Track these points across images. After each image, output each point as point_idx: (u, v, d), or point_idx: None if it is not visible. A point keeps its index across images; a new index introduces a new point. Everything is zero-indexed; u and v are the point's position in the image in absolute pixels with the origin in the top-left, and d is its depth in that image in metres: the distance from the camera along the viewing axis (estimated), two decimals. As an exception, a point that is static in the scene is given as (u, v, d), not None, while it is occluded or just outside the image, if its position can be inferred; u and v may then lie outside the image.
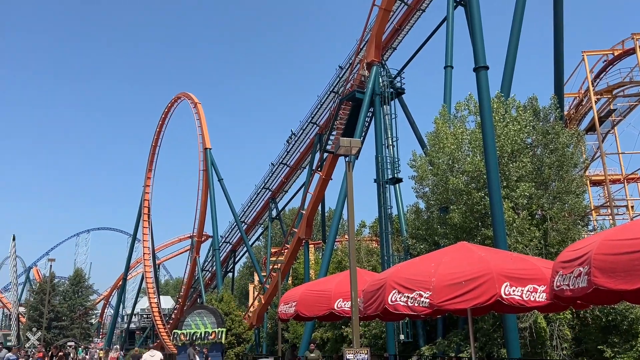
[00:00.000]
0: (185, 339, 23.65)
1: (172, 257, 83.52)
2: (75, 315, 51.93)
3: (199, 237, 46.35)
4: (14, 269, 34.30)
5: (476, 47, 16.59)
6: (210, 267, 51.29)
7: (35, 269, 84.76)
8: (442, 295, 7.43)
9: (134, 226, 54.66)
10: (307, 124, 39.95)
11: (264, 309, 34.58)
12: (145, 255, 53.16)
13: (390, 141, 24.20)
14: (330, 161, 27.21)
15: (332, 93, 36.57)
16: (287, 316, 13.25)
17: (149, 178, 53.86)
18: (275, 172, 44.16)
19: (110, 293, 78.80)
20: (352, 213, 9.45)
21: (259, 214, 47.60)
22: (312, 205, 28.48)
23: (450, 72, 23.99)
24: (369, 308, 8.86)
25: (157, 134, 53.67)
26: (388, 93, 24.78)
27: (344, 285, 11.70)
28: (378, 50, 25.02)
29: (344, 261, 29.31)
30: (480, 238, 17.09)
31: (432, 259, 8.69)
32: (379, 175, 23.25)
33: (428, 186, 20.49)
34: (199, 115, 46.91)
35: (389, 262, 21.65)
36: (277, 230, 59.81)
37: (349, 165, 9.25)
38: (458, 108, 20.34)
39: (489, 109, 16.01)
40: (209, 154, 44.41)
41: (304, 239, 29.34)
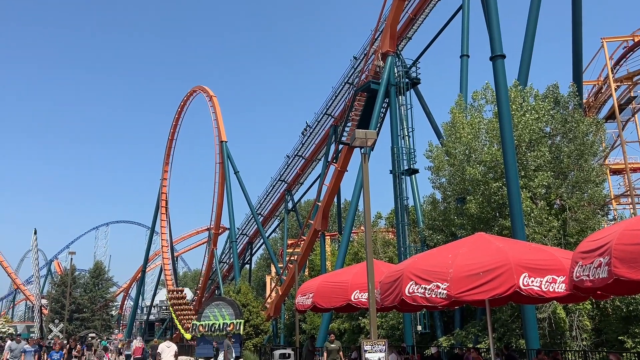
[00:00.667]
0: (204, 330, 23.92)
1: (190, 249, 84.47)
2: (95, 307, 52.78)
3: (216, 229, 46.72)
4: (35, 262, 34.94)
5: (492, 35, 16.37)
6: (227, 259, 51.71)
7: (57, 262, 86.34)
8: (459, 286, 7.41)
9: (152, 219, 55.32)
10: (322, 116, 39.88)
11: (281, 300, 34.80)
12: (163, 248, 53.78)
13: (406, 132, 24.05)
14: (346, 153, 27.14)
15: (347, 84, 36.42)
16: (304, 307, 13.33)
17: (166, 171, 54.36)
18: (291, 164, 44.22)
19: (130, 285, 80.00)
20: (368, 204, 9.44)
21: (275, 206, 47.77)
22: (327, 197, 28.48)
23: (467, 61, 23.72)
24: (386, 299, 8.87)
25: (174, 127, 54.09)
26: (403, 83, 24.59)
27: (360, 277, 11.72)
28: (393, 41, 24.81)
29: (360, 252, 29.33)
30: (498, 228, 16.95)
31: (449, 250, 8.66)
32: (394, 166, 23.15)
33: (445, 177, 20.35)
34: (215, 109, 47.11)
35: (406, 254, 21.61)
36: (293, 222, 60.00)
37: (365, 156, 9.22)
38: (475, 97, 20.12)
39: (506, 98, 15.81)
40: (225, 147, 44.63)
41: (320, 230, 29.38)
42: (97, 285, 54.67)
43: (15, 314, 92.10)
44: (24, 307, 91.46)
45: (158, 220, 54.00)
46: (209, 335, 23.93)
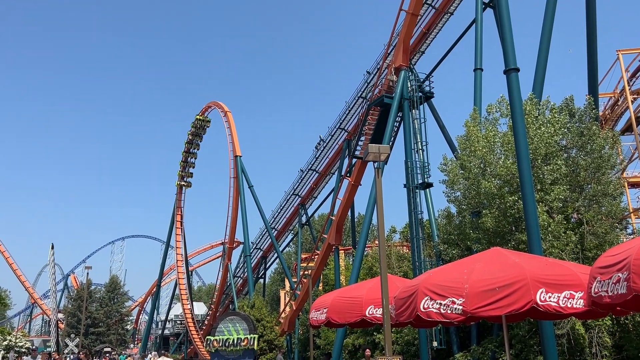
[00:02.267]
0: (218, 345, 23.87)
1: (205, 263, 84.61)
2: (111, 321, 53.06)
3: (231, 243, 46.83)
4: (53, 276, 35.24)
5: (506, 49, 16.35)
6: (241, 273, 51.74)
7: (73, 276, 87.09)
8: (475, 302, 7.32)
9: (167, 233, 55.66)
10: (335, 130, 40.00)
11: (296, 315, 34.63)
12: (178, 262, 54.01)
13: (420, 145, 23.97)
14: (359, 167, 27.13)
15: (360, 98, 36.55)
16: (318, 322, 13.24)
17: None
18: (305, 178, 44.31)
19: (145, 299, 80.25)
20: (382, 219, 9.40)
21: (288, 220, 47.79)
22: (341, 211, 28.42)
23: (480, 74, 23.67)
24: (401, 315, 8.78)
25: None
26: (417, 97, 24.58)
27: (375, 292, 11.63)
28: (406, 55, 24.88)
29: (374, 267, 29.13)
30: (514, 243, 16.75)
31: (464, 264, 8.57)
32: (408, 180, 23.06)
33: (459, 190, 20.20)
34: (229, 124, 47.51)
35: (421, 268, 21.41)
36: (307, 236, 59.91)
37: (378, 171, 9.21)
38: (489, 110, 20.04)
39: (520, 111, 15.73)
40: (239, 162, 44.91)
41: (334, 244, 29.28)
42: (113, 299, 55.00)
43: (32, 328, 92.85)
44: (41, 321, 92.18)
45: (173, 235, 54.31)
46: (223, 350, 23.87)
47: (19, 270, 73.03)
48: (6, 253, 70.41)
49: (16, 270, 72.39)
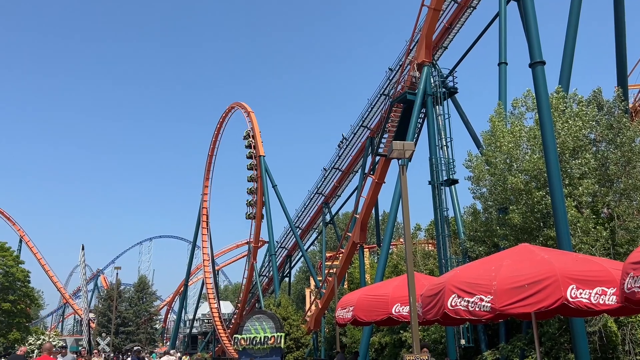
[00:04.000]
0: (246, 344, 24.09)
1: (231, 262, 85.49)
2: (140, 320, 53.94)
3: (256, 242, 47.15)
4: (83, 277, 36.07)
5: (531, 42, 16.06)
6: (267, 272, 52.05)
7: (103, 276, 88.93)
8: (504, 299, 7.24)
9: (194, 233, 56.31)
10: (358, 128, 39.90)
11: (321, 314, 34.69)
12: (205, 262, 54.64)
13: (444, 142, 23.75)
14: (383, 164, 27.01)
15: (382, 96, 36.37)
16: (344, 321, 13.26)
17: (207, 186, 55.36)
18: (328, 177, 44.32)
19: (173, 299, 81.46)
20: (407, 217, 9.36)
21: (312, 218, 47.89)
22: (365, 209, 28.35)
23: (505, 68, 23.33)
24: (428, 313, 8.74)
25: (213, 143, 55.17)
26: (440, 93, 24.36)
27: (401, 290, 11.59)
28: (429, 51, 24.66)
29: (399, 265, 29.00)
30: (543, 239, 16.47)
31: (492, 261, 8.48)
32: (433, 177, 22.87)
33: (485, 186, 19.96)
34: (252, 124, 47.83)
35: (447, 266, 21.24)
36: (331, 235, 59.93)
37: (403, 168, 9.15)
38: (515, 105, 19.74)
39: (547, 104, 15.46)
40: (262, 161, 45.17)
41: (359, 243, 29.23)
42: (142, 299, 55.91)
43: (65, 328, 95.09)
44: (73, 321, 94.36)
45: (199, 235, 54.94)
46: (251, 348, 24.08)
47: (51, 271, 74.97)
48: (39, 255, 72.31)
49: (48, 271, 74.34)
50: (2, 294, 41.40)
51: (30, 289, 46.39)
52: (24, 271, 45.16)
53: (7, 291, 42.44)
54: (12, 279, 43.36)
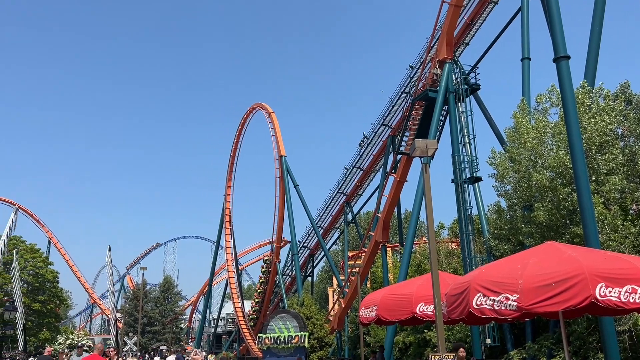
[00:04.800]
0: (270, 343, 24.23)
1: (254, 262, 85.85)
2: (166, 320, 54.67)
3: (278, 242, 47.35)
4: (110, 277, 36.67)
5: (555, 36, 15.79)
6: (289, 271, 52.24)
7: (129, 277, 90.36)
8: (530, 297, 7.14)
9: (217, 233, 56.81)
10: (379, 127, 39.76)
11: (345, 313, 34.68)
12: (228, 262, 55.07)
13: (467, 139, 23.53)
14: (405, 163, 26.87)
15: (403, 93, 36.17)
16: (368, 320, 13.23)
17: (229, 187, 55.77)
18: (349, 176, 44.26)
19: (198, 298, 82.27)
20: (431, 215, 9.30)
21: (334, 218, 47.88)
22: (387, 208, 28.23)
23: (528, 64, 23.01)
24: (453, 312, 8.67)
25: (235, 144, 55.52)
26: (462, 90, 24.13)
27: (425, 289, 11.52)
28: (450, 47, 24.45)
29: (423, 264, 28.81)
30: (569, 236, 16.19)
31: (517, 260, 8.36)
32: (456, 174, 22.67)
33: (509, 184, 19.71)
34: (274, 124, 48.02)
35: (471, 265, 21.03)
36: (353, 234, 59.80)
37: (426, 166, 9.09)
38: (539, 100, 19.45)
39: (572, 100, 15.17)
40: (284, 162, 45.32)
41: (381, 242, 29.13)
42: (167, 299, 56.66)
43: (93, 327, 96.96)
44: (100, 321, 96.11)
45: (223, 235, 55.39)
46: (275, 347, 24.21)
47: (78, 272, 76.45)
48: (67, 256, 73.79)
49: (76, 272, 75.82)
50: (32, 295, 42.40)
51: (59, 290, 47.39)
52: (53, 272, 46.17)
53: (37, 292, 43.45)
54: (42, 280, 44.37)
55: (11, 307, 27.92)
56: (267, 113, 50.00)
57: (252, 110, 53.32)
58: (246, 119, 54.33)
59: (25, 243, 46.27)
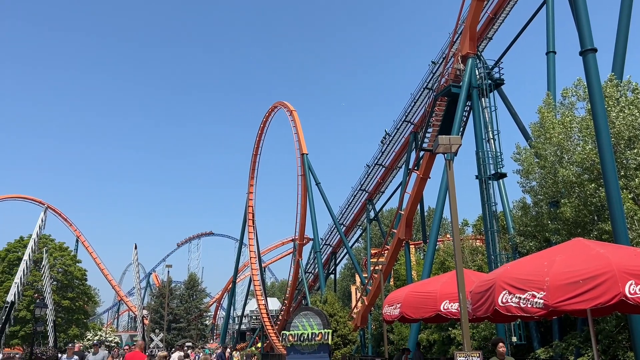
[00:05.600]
0: (293, 340, 24.31)
1: (276, 260, 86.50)
2: (191, 317, 55.33)
3: (301, 240, 47.49)
4: (137, 275, 37.29)
5: (581, 28, 15.48)
6: (312, 269, 52.37)
7: (154, 274, 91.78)
8: (557, 295, 7.05)
9: (240, 231, 57.30)
10: (401, 123, 39.54)
11: (368, 311, 34.62)
12: (251, 259, 55.48)
13: (491, 135, 23.25)
14: (428, 159, 26.65)
15: (425, 89, 35.90)
16: (391, 318, 13.22)
17: (252, 185, 56.14)
18: (371, 174, 44.14)
19: (222, 296, 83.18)
20: (455, 212, 9.23)
21: (356, 215, 47.82)
22: (410, 205, 28.05)
23: (553, 57, 22.62)
24: (478, 310, 8.61)
25: (257, 142, 55.85)
26: (486, 85, 23.83)
27: (449, 286, 11.46)
28: (473, 42, 24.16)
29: (446, 261, 28.57)
30: (597, 233, 15.88)
31: (544, 257, 8.26)
32: (480, 171, 22.42)
33: (535, 180, 19.43)
34: (295, 123, 48.15)
35: (496, 262, 20.79)
36: (376, 232, 59.66)
37: (449, 163, 9.01)
38: (565, 95, 19.10)
39: (599, 93, 14.86)
40: (306, 159, 45.42)
41: (404, 239, 28.96)
42: (192, 296, 57.31)
43: (120, 324, 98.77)
44: (127, 318, 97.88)
45: (246, 233, 55.84)
46: (298, 344, 24.29)
47: (105, 270, 77.90)
48: (94, 254, 75.27)
49: (103, 270, 77.29)
50: (61, 292, 43.42)
51: (87, 287, 48.43)
52: (81, 270, 47.20)
53: (66, 289, 44.51)
54: (71, 277, 45.41)
55: (42, 304, 28.66)
56: (288, 111, 50.15)
57: (274, 109, 53.54)
58: (268, 117, 54.58)
59: (54, 241, 47.40)
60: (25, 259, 27.03)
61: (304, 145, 46.46)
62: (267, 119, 54.66)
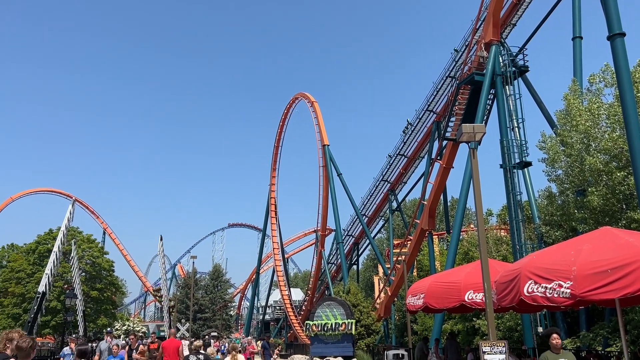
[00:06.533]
0: (317, 330, 24.48)
1: (299, 251, 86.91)
2: (216, 307, 56.08)
3: (323, 231, 47.64)
4: (163, 266, 37.94)
5: (609, 12, 15.10)
6: (335, 259, 52.52)
7: (179, 265, 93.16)
8: (585, 284, 6.94)
9: (263, 222, 57.77)
10: (423, 112, 39.20)
11: (391, 301, 34.62)
12: (274, 250, 55.93)
13: (516, 123, 22.90)
14: (451, 149, 26.41)
15: (448, 78, 35.49)
16: (415, 308, 13.20)
17: (274, 177, 56.45)
18: (393, 164, 43.94)
19: (246, 286, 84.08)
20: (479, 201, 9.13)
21: (379, 206, 47.71)
22: (433, 195, 27.87)
23: (580, 43, 22.11)
24: (503, 300, 8.54)
25: (279, 134, 56.06)
26: (510, 72, 23.44)
27: (474, 276, 11.37)
28: (496, 29, 23.76)
29: (470, 252, 28.34)
30: (626, 222, 15.56)
31: (571, 246, 8.13)
32: (505, 160, 22.12)
33: (561, 168, 19.10)
34: (316, 114, 48.14)
35: (522, 252, 20.55)
36: (398, 222, 59.44)
37: (473, 152, 8.90)
38: (592, 81, 18.66)
39: (628, 78, 14.50)
40: (327, 150, 45.42)
41: (427, 230, 28.81)
42: (217, 286, 58.05)
43: (147, 314, 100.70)
44: (154, 308, 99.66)
45: (269, 224, 56.26)
46: (322, 334, 24.44)
47: (132, 261, 79.48)
48: (121, 246, 76.78)
49: (130, 261, 78.87)
50: (90, 283, 44.43)
51: (114, 278, 49.46)
52: (108, 261, 48.19)
53: (95, 280, 45.52)
54: (99, 269, 46.41)
55: (71, 294, 29.36)
56: (309, 102, 50.16)
57: (295, 100, 53.59)
58: (289, 109, 54.68)
59: (82, 234, 48.45)
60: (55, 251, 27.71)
61: (325, 136, 46.44)
62: (288, 110, 54.78)
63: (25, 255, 45.72)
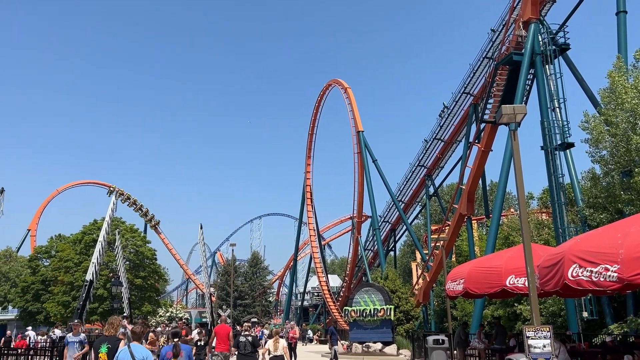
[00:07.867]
0: (356, 316, 24.62)
1: (336, 237, 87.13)
2: (255, 294, 57.06)
3: (359, 217, 47.62)
4: (203, 253, 38.70)
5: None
6: (371, 246, 52.49)
7: (219, 253, 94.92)
8: (632, 268, 6.74)
9: (300, 210, 58.15)
10: (460, 95, 38.50)
11: (430, 287, 34.44)
12: (311, 237, 56.32)
13: (557, 103, 22.23)
14: (489, 131, 25.87)
15: (485, 59, 34.67)
16: (455, 293, 13.11)
17: (309, 164, 56.62)
18: (429, 149, 43.40)
19: (284, 273, 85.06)
20: (521, 185, 8.93)
21: (415, 192, 47.29)
22: (472, 180, 27.42)
23: (624, 17, 21.20)
24: (546, 284, 8.39)
25: (313, 121, 56.06)
26: (550, 51, 22.71)
27: (515, 261, 11.20)
28: (535, 7, 23.02)
29: (511, 236, 27.84)
30: (676, 203, 14.95)
31: (617, 229, 7.89)
32: (546, 141, 21.54)
33: (605, 149, 18.45)
34: (350, 100, 47.91)
35: (565, 235, 20.05)
36: (435, 207, 58.79)
37: (514, 134, 8.70)
38: (638, 57, 17.90)
39: (678, 53, 13.82)
40: (362, 137, 45.21)
41: (466, 214, 28.42)
42: (255, 273, 59.00)
43: (189, 301, 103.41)
44: (195, 295, 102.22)
45: (304, 211, 56.60)
46: (361, 320, 24.58)
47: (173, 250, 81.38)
48: (162, 235, 78.79)
49: (171, 250, 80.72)
50: (134, 271, 45.79)
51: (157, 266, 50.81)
52: (151, 250, 49.51)
53: (138, 268, 46.87)
54: (142, 257, 47.76)
55: (117, 282, 30.39)
56: (343, 89, 49.94)
57: (329, 87, 53.43)
58: (323, 95, 54.58)
59: (125, 224, 49.90)
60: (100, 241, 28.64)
61: (359, 122, 46.21)
62: (322, 97, 54.68)
63: (72, 245, 47.44)
